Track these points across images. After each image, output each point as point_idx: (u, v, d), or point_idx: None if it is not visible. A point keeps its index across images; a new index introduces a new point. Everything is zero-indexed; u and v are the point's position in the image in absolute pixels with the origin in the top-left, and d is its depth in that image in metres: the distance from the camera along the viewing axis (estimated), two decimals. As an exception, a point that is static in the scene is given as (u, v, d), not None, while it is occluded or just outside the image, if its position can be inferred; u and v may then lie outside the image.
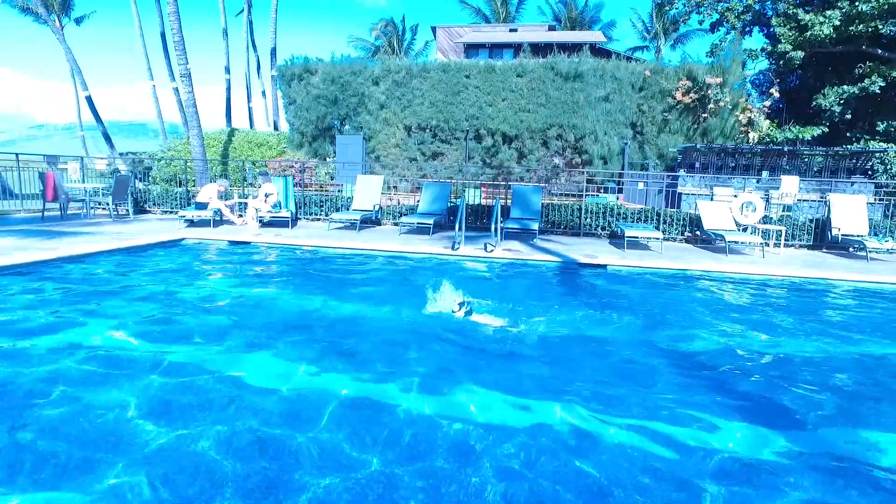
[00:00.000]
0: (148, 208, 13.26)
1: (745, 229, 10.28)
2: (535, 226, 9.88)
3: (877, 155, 17.06)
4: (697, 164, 18.14)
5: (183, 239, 9.03)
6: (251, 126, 31.27)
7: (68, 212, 11.51)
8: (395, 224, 11.98)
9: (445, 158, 20.81)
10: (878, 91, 17.94)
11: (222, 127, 25.33)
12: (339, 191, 17.45)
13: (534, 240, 9.80)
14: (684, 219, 11.11)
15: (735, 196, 16.99)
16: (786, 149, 16.88)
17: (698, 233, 10.88)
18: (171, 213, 13.03)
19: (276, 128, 27.54)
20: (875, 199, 14.86)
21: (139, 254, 7.92)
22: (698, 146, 17.16)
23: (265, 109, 34.87)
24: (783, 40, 18.60)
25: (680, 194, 16.73)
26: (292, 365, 4.10)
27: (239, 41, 37.25)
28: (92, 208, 11.61)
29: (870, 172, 17.30)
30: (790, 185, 10.76)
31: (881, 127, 18.88)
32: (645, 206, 11.80)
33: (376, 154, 21.06)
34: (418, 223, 10.38)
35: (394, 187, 19.31)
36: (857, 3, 17.35)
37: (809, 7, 19.00)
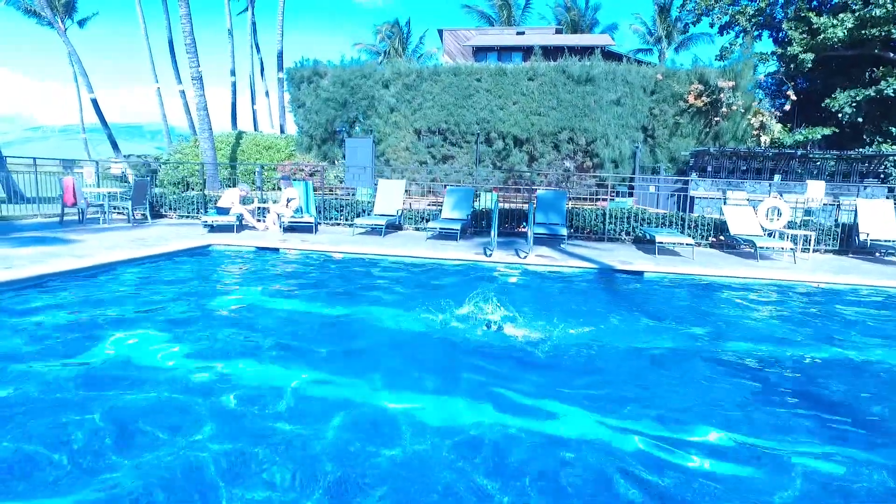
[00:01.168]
0: (163, 213, 13.13)
1: (770, 234, 10.25)
2: (564, 231, 9.82)
3: (890, 158, 17.08)
4: (709, 168, 18.12)
5: (210, 245, 8.91)
6: (255, 128, 31.15)
7: (85, 216, 11.37)
8: (417, 229, 11.89)
9: (456, 161, 20.75)
10: (892, 94, 18.00)
11: (226, 129, 25.19)
12: (350, 194, 17.37)
13: (563, 245, 9.73)
14: (708, 224, 11.07)
15: (748, 200, 16.99)
16: (799, 153, 16.88)
17: (722, 237, 10.84)
18: (187, 217, 12.91)
19: (281, 130, 27.41)
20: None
21: (170, 260, 7.80)
22: (711, 150, 17.14)
23: (268, 112, 34.79)
24: (795, 43, 18.64)
25: (692, 198, 16.70)
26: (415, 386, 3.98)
27: (241, 43, 37.07)
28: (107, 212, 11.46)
29: (882, 176, 17.33)
30: (816, 190, 10.73)
31: (893, 130, 18.94)
32: (669, 212, 11.75)
33: (386, 157, 20.98)
34: (443, 228, 10.28)
35: (406, 191, 19.21)
36: (870, 7, 17.41)
37: (828, 11, 19.04)
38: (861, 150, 17.73)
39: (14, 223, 10.70)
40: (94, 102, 25.90)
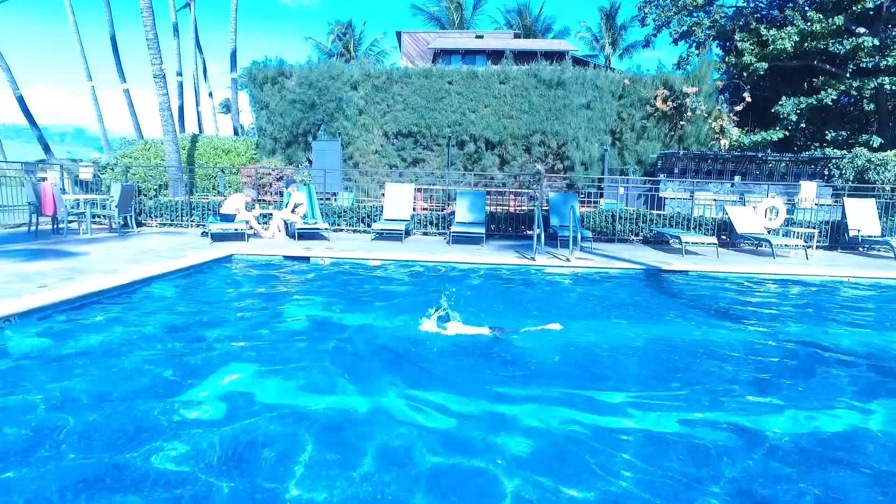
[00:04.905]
0: (141, 221, 12.12)
1: (769, 232, 10.82)
2: (589, 233, 9.90)
3: (833, 161, 18.60)
4: (676, 170, 18.98)
5: (232, 255, 8.26)
6: (200, 131, 29.42)
7: (59, 226, 10.29)
8: (424, 234, 11.63)
9: (427, 165, 20.56)
10: (830, 103, 19.58)
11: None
12: (327, 199, 16.77)
13: (590, 248, 9.81)
14: (708, 223, 11.54)
15: (714, 200, 17.79)
16: (759, 156, 18.02)
17: (724, 237, 11.32)
18: (170, 225, 12.00)
19: (235, 133, 26.08)
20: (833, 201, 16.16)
21: (202, 273, 7.15)
22: (680, 152, 17.97)
23: (213, 114, 33.07)
24: (746, 53, 19.88)
25: (662, 198, 17.43)
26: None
27: (182, 42, 34.91)
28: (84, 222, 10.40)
29: (826, 177, 18.83)
30: (809, 191, 11.47)
31: (830, 136, 20.63)
32: (669, 212, 12.16)
33: (354, 161, 20.44)
34: (464, 233, 10.09)
35: (383, 194, 18.81)
36: (809, 22, 18.90)
37: (768, 24, 20.46)
38: (811, 153, 19.17)
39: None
40: (21, 100, 23.46)
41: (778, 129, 20.16)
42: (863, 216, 10.72)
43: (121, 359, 4.11)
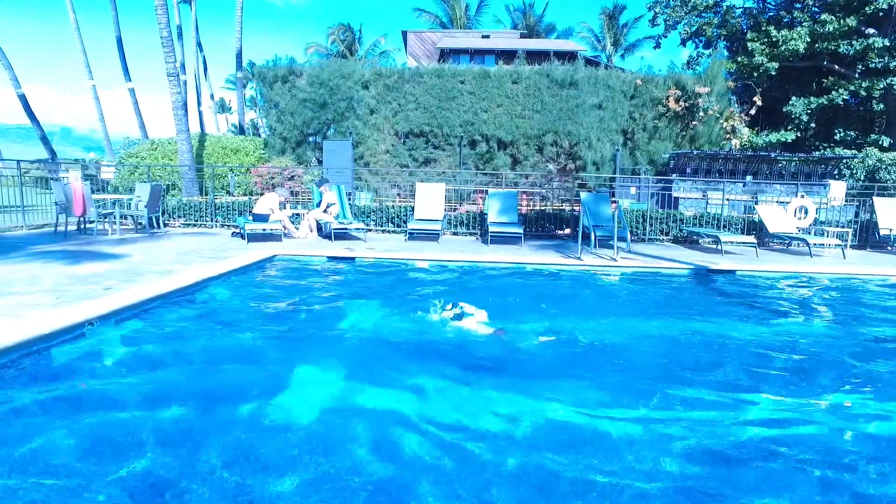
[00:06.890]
0: (165, 221, 11.94)
1: (799, 231, 10.86)
2: (626, 233, 9.86)
3: (844, 161, 18.77)
4: (688, 170, 19.04)
5: (275, 256, 8.12)
6: (202, 130, 29.14)
7: (87, 226, 10.12)
8: (454, 234, 11.56)
9: (438, 165, 20.48)
10: (841, 103, 19.73)
11: (171, 133, 23.19)
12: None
13: (628, 248, 9.76)
14: (737, 223, 11.56)
15: (728, 200, 17.84)
16: (772, 155, 18.14)
17: (754, 235, 11.34)
18: (194, 225, 11.84)
19: (241, 131, 25.84)
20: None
21: (248, 275, 6.99)
22: (695, 152, 18.02)
23: (214, 112, 32.80)
24: (757, 53, 19.98)
25: (676, 198, 17.47)
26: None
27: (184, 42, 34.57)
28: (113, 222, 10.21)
29: (837, 176, 19.00)
30: (838, 191, 11.53)
31: (839, 136, 20.82)
32: (703, 212, 12.19)
33: (364, 160, 20.31)
34: (501, 233, 10.02)
35: (398, 194, 18.75)
36: (821, 23, 19.05)
37: (777, 25, 20.59)
38: (823, 153, 19.32)
39: (2, 236, 9.25)
40: (23, 98, 23.03)
41: (790, 129, 20.31)
42: (894, 215, 10.79)
43: (214, 356, 4.04)
